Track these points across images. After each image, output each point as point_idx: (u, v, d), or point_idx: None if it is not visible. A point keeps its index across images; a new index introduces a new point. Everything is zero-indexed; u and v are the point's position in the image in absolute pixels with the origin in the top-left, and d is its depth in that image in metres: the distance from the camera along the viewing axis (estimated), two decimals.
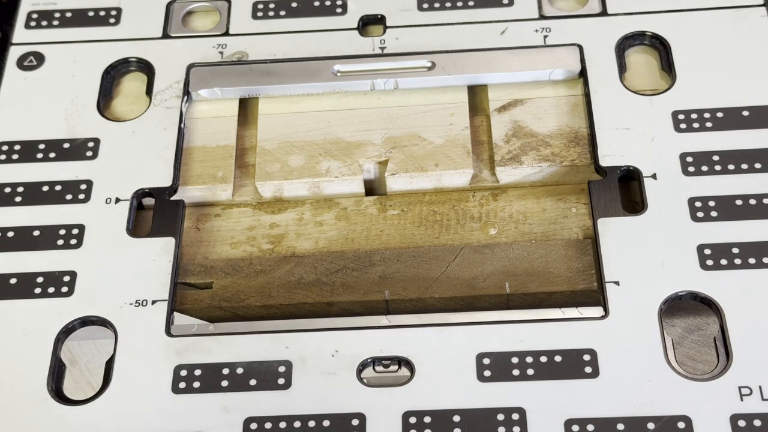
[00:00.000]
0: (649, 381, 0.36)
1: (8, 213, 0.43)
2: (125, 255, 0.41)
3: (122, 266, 0.41)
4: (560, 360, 0.37)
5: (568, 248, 0.41)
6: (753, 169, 0.41)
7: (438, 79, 0.46)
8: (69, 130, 0.45)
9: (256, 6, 0.49)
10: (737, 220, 0.40)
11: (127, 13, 0.49)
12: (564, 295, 0.40)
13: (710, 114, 0.43)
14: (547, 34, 0.47)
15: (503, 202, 0.44)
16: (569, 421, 0.36)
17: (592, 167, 0.43)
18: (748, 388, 0.36)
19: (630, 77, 0.46)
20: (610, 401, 0.36)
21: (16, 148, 0.45)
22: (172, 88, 0.47)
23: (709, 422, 0.35)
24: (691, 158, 0.42)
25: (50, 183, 0.44)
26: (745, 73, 0.44)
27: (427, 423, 0.36)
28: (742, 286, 0.38)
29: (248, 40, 0.48)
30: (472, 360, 0.37)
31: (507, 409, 0.36)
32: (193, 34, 0.49)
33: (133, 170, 0.44)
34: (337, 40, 0.48)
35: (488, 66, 0.46)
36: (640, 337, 0.37)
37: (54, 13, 0.50)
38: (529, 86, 0.46)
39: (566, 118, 0.45)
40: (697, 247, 0.39)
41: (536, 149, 0.44)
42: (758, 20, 0.46)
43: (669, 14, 0.47)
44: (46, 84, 0.47)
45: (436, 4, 0.48)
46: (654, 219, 0.40)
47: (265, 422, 0.37)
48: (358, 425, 0.36)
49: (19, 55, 0.48)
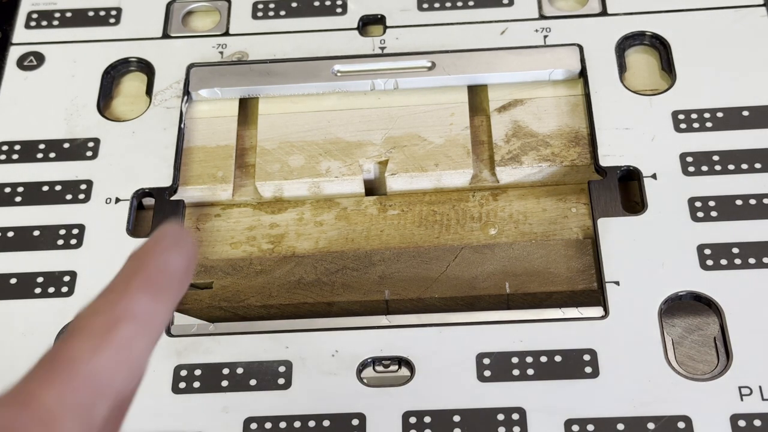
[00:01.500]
0: (649, 381, 0.36)
1: (8, 213, 0.43)
2: (125, 255, 0.41)
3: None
4: (560, 360, 0.37)
5: (568, 248, 0.41)
6: (753, 169, 0.41)
7: (438, 79, 0.46)
8: (69, 130, 0.45)
9: (256, 6, 0.49)
10: (737, 220, 0.40)
11: (127, 13, 0.49)
12: (564, 295, 0.40)
13: (710, 114, 0.43)
14: (547, 34, 0.47)
15: (503, 202, 0.44)
16: (569, 421, 0.36)
17: (592, 167, 0.43)
18: (748, 388, 0.36)
19: (630, 77, 0.46)
20: (610, 401, 0.36)
21: (16, 148, 0.45)
22: (172, 88, 0.47)
23: (709, 422, 0.35)
24: (691, 158, 0.42)
25: (50, 183, 0.44)
26: (745, 73, 0.44)
27: (427, 423, 0.36)
28: (743, 286, 0.38)
29: (248, 40, 0.48)
30: (472, 360, 0.37)
31: (507, 409, 0.36)
32: (193, 34, 0.49)
33: (133, 170, 0.44)
34: (337, 40, 0.48)
35: (488, 66, 0.46)
36: (640, 337, 0.37)
37: (54, 13, 0.50)
38: (529, 86, 0.46)
39: (566, 118, 0.45)
40: (697, 247, 0.39)
41: (536, 149, 0.44)
42: (758, 20, 0.46)
43: (669, 14, 0.47)
44: (46, 84, 0.47)
45: (436, 4, 0.48)
46: (654, 219, 0.40)
47: (265, 422, 0.37)
48: (358, 425, 0.36)
49: (19, 55, 0.48)
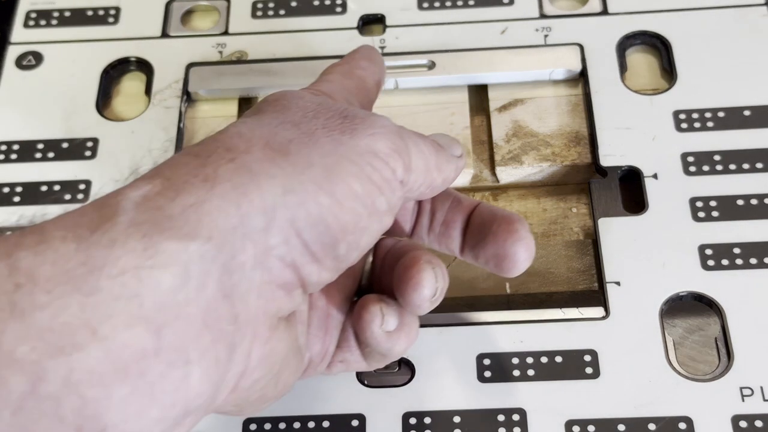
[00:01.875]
0: (650, 381, 0.36)
1: (7, 213, 0.43)
2: None
3: None
4: (561, 360, 0.37)
5: (568, 248, 0.41)
6: (754, 168, 0.41)
7: (438, 79, 0.46)
8: (68, 130, 0.45)
9: (256, 5, 0.49)
10: (738, 220, 0.40)
11: (126, 12, 0.49)
12: (564, 296, 0.40)
13: (711, 114, 0.43)
14: (548, 34, 0.47)
15: (503, 202, 0.44)
16: (570, 421, 0.36)
17: (592, 167, 0.43)
18: (749, 389, 0.36)
19: (631, 77, 0.46)
20: (611, 402, 0.36)
21: (14, 148, 0.45)
22: (172, 88, 0.46)
23: (710, 423, 0.35)
24: (692, 158, 0.42)
25: (49, 183, 0.44)
26: (746, 73, 0.44)
27: (427, 423, 0.36)
28: (744, 286, 0.38)
29: (248, 39, 0.48)
30: (473, 360, 0.37)
31: (507, 410, 0.36)
32: (192, 34, 0.49)
33: (132, 170, 0.44)
34: (337, 39, 0.47)
35: (488, 65, 0.46)
36: (641, 337, 0.37)
37: (53, 12, 0.49)
38: (530, 86, 0.46)
39: (567, 118, 0.44)
40: (699, 248, 0.39)
41: (537, 149, 0.44)
42: (760, 19, 0.46)
43: (670, 13, 0.47)
44: (44, 83, 0.47)
45: (436, 3, 0.48)
46: (655, 219, 0.40)
47: (264, 423, 0.36)
48: (358, 426, 0.36)
49: (17, 54, 0.48)
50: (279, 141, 0.28)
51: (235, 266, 0.25)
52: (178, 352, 0.24)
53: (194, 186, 0.25)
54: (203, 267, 0.25)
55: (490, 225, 0.32)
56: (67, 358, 0.22)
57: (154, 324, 0.24)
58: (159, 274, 0.24)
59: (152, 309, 0.24)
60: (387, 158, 0.29)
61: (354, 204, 0.28)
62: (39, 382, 0.22)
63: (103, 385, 0.23)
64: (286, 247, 0.27)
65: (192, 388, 0.25)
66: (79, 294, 0.23)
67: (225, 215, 0.25)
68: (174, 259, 0.24)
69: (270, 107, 0.30)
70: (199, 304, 0.24)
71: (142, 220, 0.24)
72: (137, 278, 0.23)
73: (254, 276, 0.26)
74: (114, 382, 0.23)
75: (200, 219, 0.25)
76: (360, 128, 0.29)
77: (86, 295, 0.23)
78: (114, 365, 0.23)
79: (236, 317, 0.26)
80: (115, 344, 0.23)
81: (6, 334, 0.22)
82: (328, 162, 0.28)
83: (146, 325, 0.23)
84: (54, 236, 0.24)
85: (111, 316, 0.23)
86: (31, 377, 0.22)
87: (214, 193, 0.25)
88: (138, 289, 0.23)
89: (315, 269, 0.28)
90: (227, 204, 0.25)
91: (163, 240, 0.24)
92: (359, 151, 0.28)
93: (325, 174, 0.27)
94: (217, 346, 0.25)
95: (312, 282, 0.28)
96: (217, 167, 0.26)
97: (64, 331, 0.22)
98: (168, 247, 0.24)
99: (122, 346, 0.23)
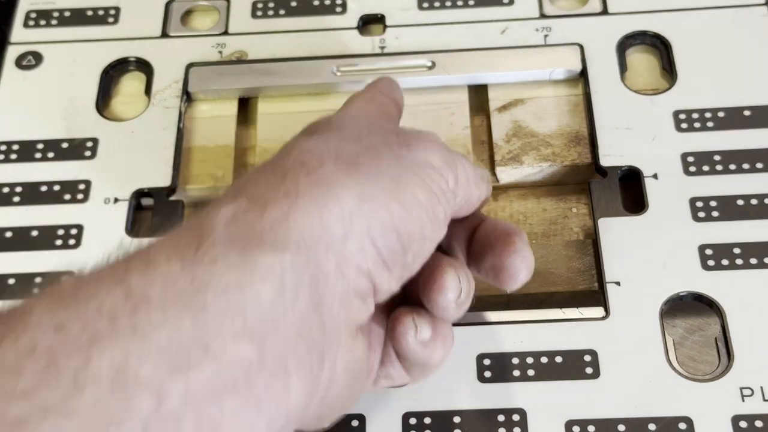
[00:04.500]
0: (650, 382, 0.36)
1: (6, 213, 0.43)
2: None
3: None
4: (561, 361, 0.37)
5: (568, 248, 0.41)
6: (755, 168, 0.41)
7: (438, 79, 0.46)
8: (67, 130, 0.45)
9: (256, 5, 0.49)
10: (739, 220, 0.40)
11: (126, 12, 0.49)
12: (564, 296, 0.40)
13: (711, 114, 0.43)
14: (548, 34, 0.47)
15: (503, 202, 0.44)
16: (570, 422, 0.36)
17: (592, 167, 0.43)
18: (749, 389, 0.36)
19: (631, 77, 0.46)
20: (611, 402, 0.36)
21: (14, 148, 0.45)
22: (171, 88, 0.46)
23: (710, 423, 0.35)
24: (692, 158, 0.42)
25: (49, 183, 0.44)
26: (746, 73, 0.44)
27: (427, 424, 0.36)
28: (744, 286, 0.38)
29: (248, 39, 0.48)
30: (473, 360, 0.37)
31: (507, 410, 0.36)
32: (192, 34, 0.49)
33: (131, 170, 0.44)
34: (337, 39, 0.47)
35: (488, 65, 0.46)
36: (641, 337, 0.37)
37: (52, 12, 0.49)
38: (530, 86, 0.46)
39: (567, 118, 0.44)
40: (699, 248, 0.39)
41: (537, 149, 0.44)
42: (760, 19, 0.46)
43: (670, 13, 0.47)
44: (44, 83, 0.47)
45: (436, 3, 0.48)
46: (655, 219, 0.40)
47: None
48: (358, 426, 0.36)
49: (17, 54, 0.48)
50: (347, 154, 0.29)
51: (321, 276, 0.27)
52: (279, 363, 0.25)
53: (278, 201, 0.27)
54: (296, 277, 0.26)
55: (489, 238, 0.34)
56: (184, 376, 0.23)
57: (258, 337, 0.24)
58: (259, 286, 0.25)
59: (255, 322, 0.24)
60: (441, 170, 0.31)
61: (419, 212, 0.29)
62: (162, 401, 0.23)
63: (217, 400, 0.23)
64: (362, 254, 0.28)
65: (292, 398, 0.25)
66: (189, 312, 0.24)
67: (309, 227, 0.27)
68: (271, 270, 0.25)
69: (324, 127, 0.31)
70: (294, 315, 0.26)
71: (236, 237, 0.26)
72: (240, 293, 0.24)
73: (337, 285, 0.27)
74: (226, 397, 0.24)
75: (288, 232, 0.26)
76: (414, 143, 0.31)
77: (196, 312, 0.24)
78: (225, 380, 0.24)
79: (324, 326, 0.27)
80: (225, 359, 0.24)
81: (131, 355, 0.23)
82: (394, 173, 0.29)
83: (251, 338, 0.24)
84: (159, 259, 0.25)
85: (220, 331, 0.24)
86: (155, 396, 0.22)
87: (298, 207, 0.27)
88: (241, 303, 0.24)
89: (386, 277, 0.29)
90: (310, 216, 0.27)
91: (258, 254, 0.25)
92: (418, 163, 0.30)
93: (394, 183, 0.29)
94: (311, 356, 0.26)
95: (383, 290, 0.29)
96: (296, 182, 0.27)
97: (180, 350, 0.23)
98: (264, 259, 0.25)
99: (231, 361, 0.24)
